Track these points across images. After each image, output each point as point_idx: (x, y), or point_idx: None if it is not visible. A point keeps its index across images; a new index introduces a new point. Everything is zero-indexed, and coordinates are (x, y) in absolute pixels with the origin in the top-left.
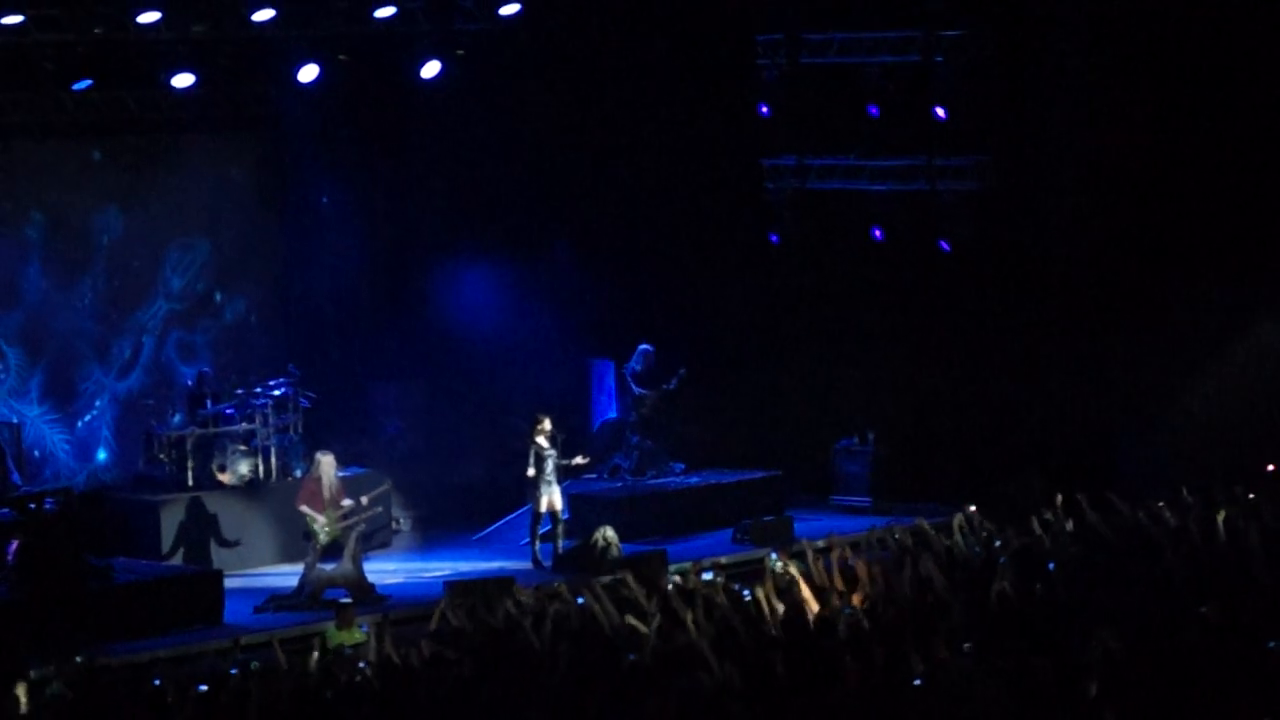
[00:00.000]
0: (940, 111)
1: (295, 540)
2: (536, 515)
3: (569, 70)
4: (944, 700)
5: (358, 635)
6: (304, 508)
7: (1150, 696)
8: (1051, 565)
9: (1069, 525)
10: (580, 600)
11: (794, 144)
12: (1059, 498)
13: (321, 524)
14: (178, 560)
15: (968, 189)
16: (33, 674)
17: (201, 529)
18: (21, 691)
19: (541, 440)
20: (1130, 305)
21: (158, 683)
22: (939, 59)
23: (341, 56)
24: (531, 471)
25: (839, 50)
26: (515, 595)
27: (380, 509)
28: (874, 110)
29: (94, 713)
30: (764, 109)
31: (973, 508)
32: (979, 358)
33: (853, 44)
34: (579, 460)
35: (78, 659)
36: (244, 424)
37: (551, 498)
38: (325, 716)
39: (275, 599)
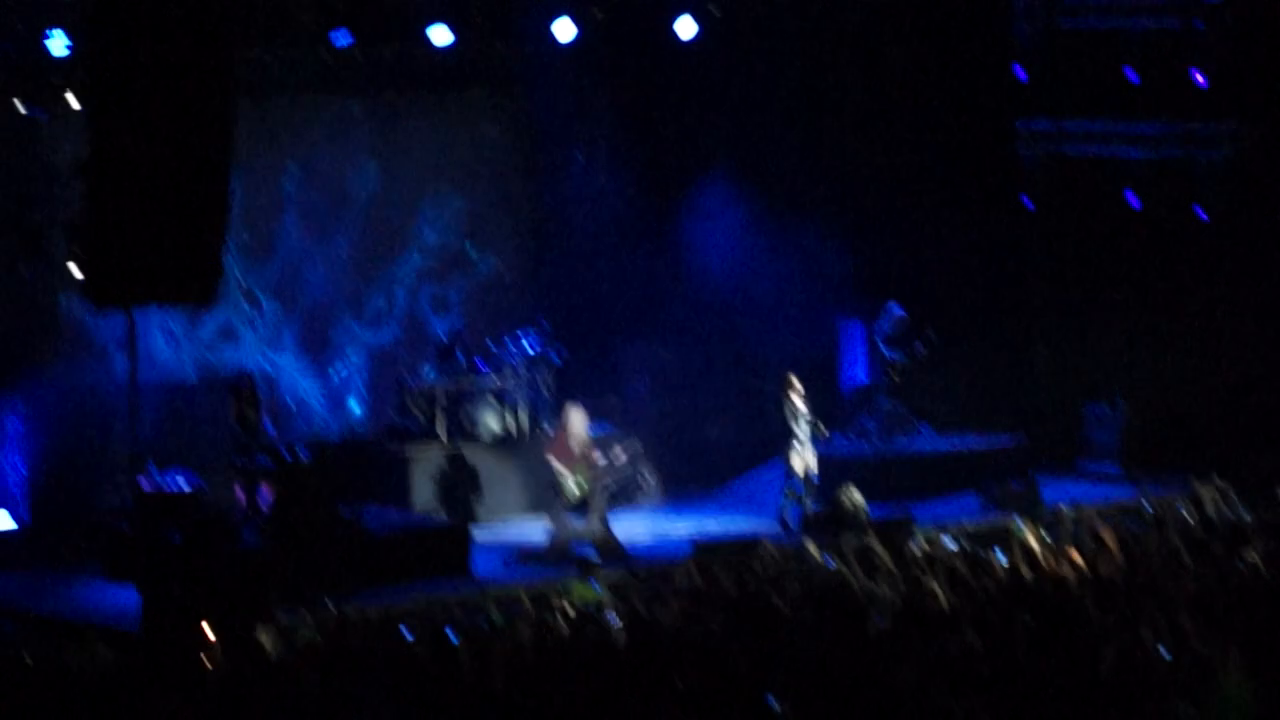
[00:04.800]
0: (1199, 77)
1: (543, 495)
2: (790, 476)
3: (825, 31)
4: (1190, 673)
5: (598, 592)
6: (553, 461)
7: None
8: None
9: None
10: (829, 563)
11: (1049, 107)
12: None
13: (570, 479)
14: (428, 512)
15: (1226, 156)
16: (283, 620)
17: (451, 481)
18: (268, 636)
19: (796, 399)
20: None
21: (405, 632)
22: (1198, 24)
23: (598, 14)
24: (797, 434)
25: (1097, 13)
26: (763, 556)
27: (629, 466)
28: (1132, 75)
29: (342, 660)
30: (1020, 71)
31: (1222, 480)
32: (1233, 327)
33: (1111, 7)
34: (822, 431)
35: (328, 606)
36: (495, 379)
37: (806, 459)
38: (570, 671)
39: (523, 553)
